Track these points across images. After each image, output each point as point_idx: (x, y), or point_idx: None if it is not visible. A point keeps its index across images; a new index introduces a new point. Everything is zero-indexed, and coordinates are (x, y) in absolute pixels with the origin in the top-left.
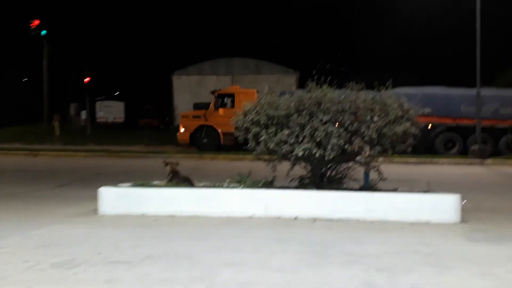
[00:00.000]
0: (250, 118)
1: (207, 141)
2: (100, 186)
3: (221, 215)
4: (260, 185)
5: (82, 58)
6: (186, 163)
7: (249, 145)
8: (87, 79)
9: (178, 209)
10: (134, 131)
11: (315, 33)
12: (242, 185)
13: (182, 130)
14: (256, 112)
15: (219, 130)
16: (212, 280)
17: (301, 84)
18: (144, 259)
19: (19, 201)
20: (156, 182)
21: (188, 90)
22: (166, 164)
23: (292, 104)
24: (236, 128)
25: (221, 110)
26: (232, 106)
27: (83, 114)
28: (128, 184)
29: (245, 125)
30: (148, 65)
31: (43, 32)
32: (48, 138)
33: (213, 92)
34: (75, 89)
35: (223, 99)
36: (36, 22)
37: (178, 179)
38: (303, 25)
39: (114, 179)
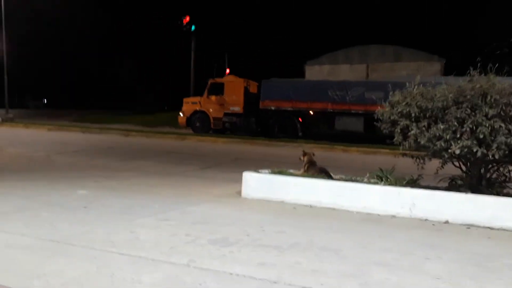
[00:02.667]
0: (399, 110)
1: (200, 125)
2: (239, 170)
3: (361, 210)
4: (404, 182)
5: (224, 51)
6: (316, 154)
7: (394, 139)
8: (227, 71)
9: (316, 199)
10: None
11: (465, 14)
12: (383, 182)
13: (181, 114)
14: (406, 103)
15: (210, 115)
16: (365, 278)
17: (447, 72)
18: (291, 246)
19: (173, 179)
20: (291, 171)
21: (321, 79)
22: (304, 154)
23: (450, 95)
24: (380, 120)
25: (212, 97)
26: (222, 94)
27: None
28: (267, 171)
29: (392, 117)
30: (281, 55)
31: (193, 28)
32: None
33: (207, 81)
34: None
35: (215, 87)
36: (187, 18)
37: (315, 170)
38: (449, 6)
39: (252, 165)
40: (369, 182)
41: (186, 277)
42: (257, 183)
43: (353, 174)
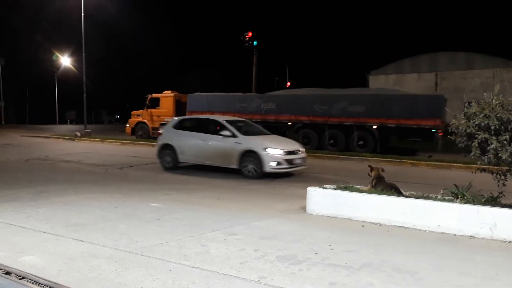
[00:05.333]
0: (476, 122)
1: (141, 134)
2: (301, 186)
3: (435, 230)
4: (483, 200)
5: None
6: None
7: (471, 154)
8: (288, 84)
9: (385, 217)
10: None
11: None
12: (460, 199)
13: (127, 125)
14: (485, 115)
15: (149, 126)
16: None
17: None
18: (362, 266)
19: (237, 193)
20: (358, 187)
21: None
22: (372, 169)
23: None
24: (454, 134)
25: (150, 110)
26: (158, 107)
27: None
28: (332, 186)
29: (468, 130)
30: (342, 66)
31: (255, 43)
32: None
33: (146, 97)
34: None
35: (152, 101)
36: (250, 34)
37: (384, 185)
38: None
39: (314, 179)
40: (443, 200)
41: None
42: (322, 199)
43: (425, 191)
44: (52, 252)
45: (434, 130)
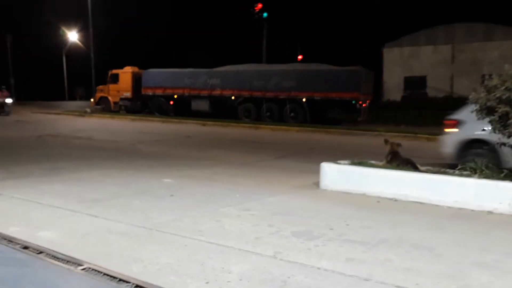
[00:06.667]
0: (497, 95)
1: (104, 107)
2: (315, 161)
3: (452, 205)
4: (502, 175)
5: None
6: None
7: (491, 127)
8: (300, 57)
9: (401, 192)
10: None
11: None
12: (478, 174)
13: (92, 100)
14: (506, 88)
15: (110, 100)
16: (465, 280)
17: None
18: (379, 242)
19: (249, 169)
20: (373, 162)
21: (400, 63)
22: (387, 142)
23: None
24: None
25: (111, 86)
26: (117, 82)
27: None
28: (346, 161)
29: (488, 104)
30: (355, 39)
31: (265, 15)
32: None
33: (108, 73)
34: None
35: (113, 77)
36: (259, 5)
37: (400, 161)
38: None
39: (327, 155)
40: (461, 175)
41: (273, 268)
42: (336, 175)
43: (441, 166)
44: (68, 228)
45: (354, 102)
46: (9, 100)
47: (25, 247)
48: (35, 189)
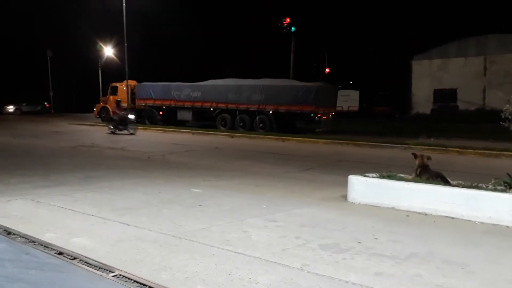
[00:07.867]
0: None
1: (103, 117)
2: (343, 173)
3: (485, 221)
4: None
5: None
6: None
7: None
8: (327, 70)
9: (431, 207)
10: (368, 119)
11: None
12: None
13: (95, 109)
14: None
15: (110, 110)
16: None
17: None
18: (409, 257)
19: (276, 180)
20: (402, 175)
21: (429, 75)
22: (416, 156)
23: None
24: (508, 120)
25: (110, 97)
26: (116, 94)
27: None
28: (375, 174)
29: None
30: (384, 51)
31: (293, 29)
32: None
33: (109, 85)
34: (317, 79)
35: (113, 89)
36: (288, 20)
37: (429, 174)
38: None
39: (354, 167)
40: (494, 190)
41: (301, 281)
42: (364, 188)
43: (473, 180)
44: (100, 235)
45: (312, 115)
46: (131, 116)
47: (60, 253)
48: (70, 196)
